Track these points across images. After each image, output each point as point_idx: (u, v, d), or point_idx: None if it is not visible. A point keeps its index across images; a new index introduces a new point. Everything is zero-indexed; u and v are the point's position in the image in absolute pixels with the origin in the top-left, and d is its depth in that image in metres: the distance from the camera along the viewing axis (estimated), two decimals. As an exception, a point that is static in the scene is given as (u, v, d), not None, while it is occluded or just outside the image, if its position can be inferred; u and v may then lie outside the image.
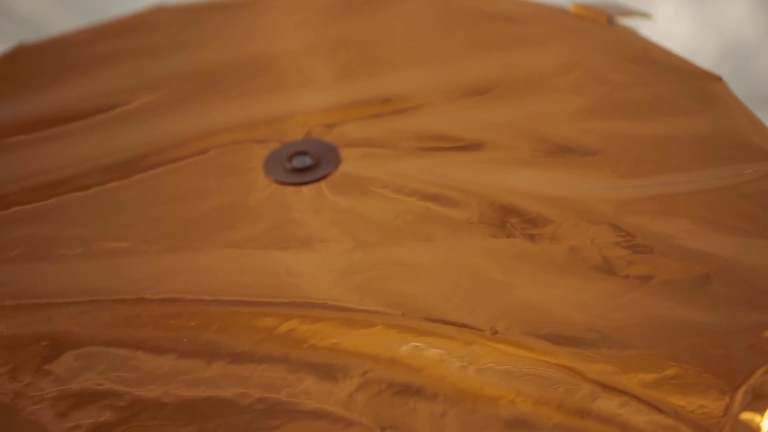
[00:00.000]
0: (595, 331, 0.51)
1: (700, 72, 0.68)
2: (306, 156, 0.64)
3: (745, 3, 1.24)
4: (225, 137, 0.67)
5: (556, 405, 0.48)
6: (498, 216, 0.58)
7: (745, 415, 0.46)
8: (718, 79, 0.67)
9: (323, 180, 0.63)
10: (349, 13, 0.81)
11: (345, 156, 0.64)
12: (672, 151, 0.62)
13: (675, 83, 0.68)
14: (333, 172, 0.63)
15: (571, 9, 0.77)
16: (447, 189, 0.60)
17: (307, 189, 0.62)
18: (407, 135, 0.66)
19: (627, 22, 0.76)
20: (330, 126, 0.67)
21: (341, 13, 0.81)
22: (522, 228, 0.57)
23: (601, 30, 0.74)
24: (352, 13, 0.80)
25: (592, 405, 0.47)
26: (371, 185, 0.62)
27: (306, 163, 0.64)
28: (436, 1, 0.80)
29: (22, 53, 0.80)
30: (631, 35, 0.73)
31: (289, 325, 0.52)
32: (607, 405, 0.47)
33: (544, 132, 0.65)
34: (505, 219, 0.58)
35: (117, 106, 0.72)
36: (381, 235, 0.58)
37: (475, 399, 0.48)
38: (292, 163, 0.64)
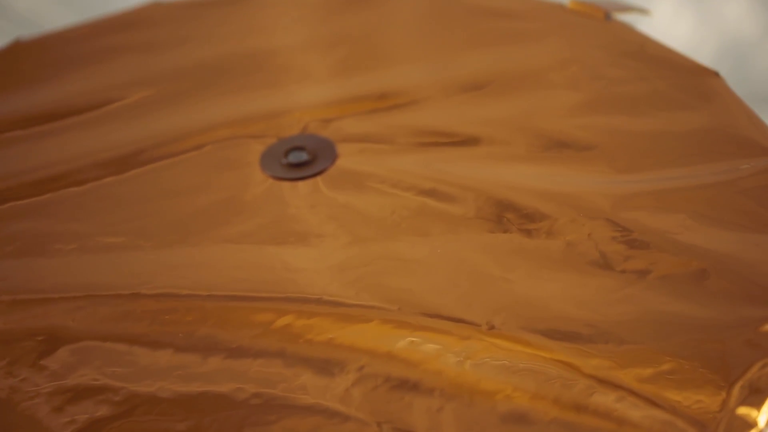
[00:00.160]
0: (592, 326, 0.50)
1: (697, 67, 0.68)
2: (302, 151, 0.64)
3: (744, 2, 1.24)
4: (221, 133, 0.67)
5: (552, 400, 0.47)
6: (495, 211, 0.58)
7: (742, 410, 0.46)
8: (715, 75, 0.67)
9: (320, 175, 0.63)
10: (347, 9, 0.80)
11: (341, 151, 0.64)
12: (669, 147, 0.62)
13: (672, 79, 0.67)
14: (329, 167, 0.63)
15: (569, 5, 0.77)
16: (444, 184, 0.60)
17: (304, 184, 0.62)
18: (404, 130, 0.66)
19: (624, 17, 0.76)
20: (327, 121, 0.67)
21: (338, 9, 0.81)
22: (519, 223, 0.57)
23: (598, 26, 0.74)
24: (349, 9, 0.80)
25: (588, 400, 0.47)
26: (368, 180, 0.62)
27: (302, 159, 0.63)
28: (433, -3, 0.80)
29: (18, 49, 0.79)
30: (628, 31, 0.73)
31: (286, 320, 0.52)
32: (604, 400, 0.47)
33: (540, 127, 0.65)
34: (502, 214, 0.58)
35: (113, 101, 0.72)
36: (377, 231, 0.58)
37: (472, 394, 0.48)
38: (288, 159, 0.64)
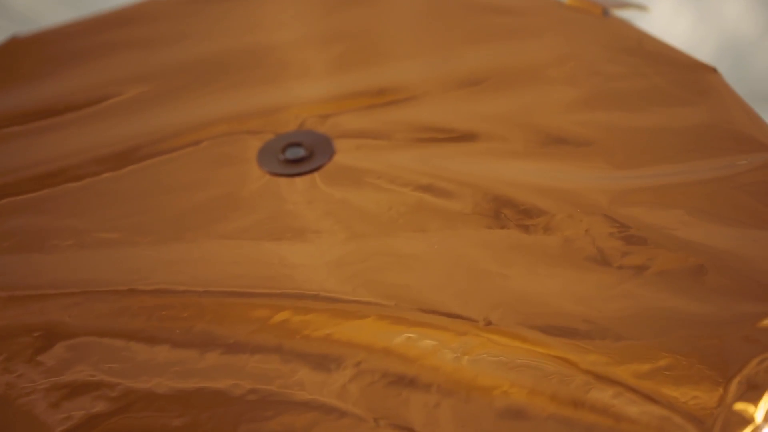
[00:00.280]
0: (589, 322, 0.50)
1: (695, 63, 0.68)
2: (300, 147, 0.64)
3: (744, 0, 1.24)
4: (218, 128, 0.67)
5: (550, 395, 0.47)
6: (492, 207, 0.58)
7: (739, 406, 0.46)
8: (713, 71, 0.67)
9: (317, 171, 0.63)
10: (344, 5, 0.80)
11: (339, 147, 0.64)
12: (667, 142, 0.62)
13: (670, 74, 0.67)
14: (327, 163, 0.63)
15: (566, 1, 0.77)
16: (441, 180, 0.60)
17: (301, 180, 0.62)
18: (401, 126, 0.66)
19: (622, 13, 0.75)
20: (324, 117, 0.67)
21: (336, 5, 0.81)
22: (516, 219, 0.57)
23: (596, 21, 0.74)
24: (346, 5, 0.80)
25: (585, 396, 0.47)
26: (365, 176, 0.62)
27: (300, 155, 0.63)
28: (430, -7, 0.80)
29: (16, 45, 0.79)
30: (626, 27, 0.73)
31: (282, 316, 0.52)
32: (601, 396, 0.47)
33: (538, 123, 0.65)
34: (499, 210, 0.58)
35: (111, 97, 0.72)
36: (374, 226, 0.58)
37: (469, 389, 0.48)
38: (285, 155, 0.64)
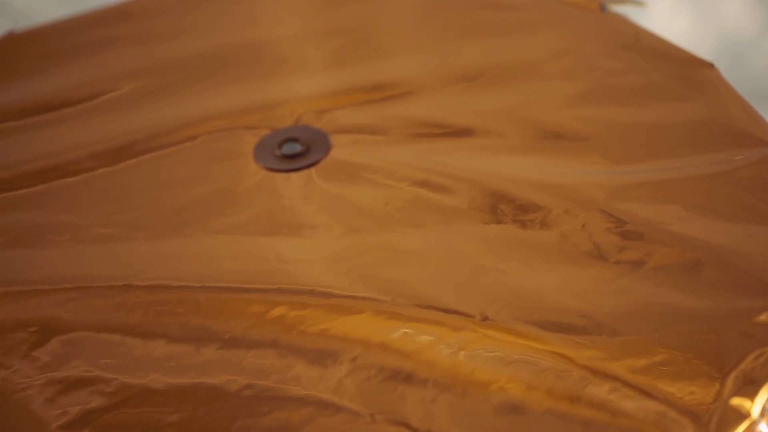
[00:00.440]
0: (586, 317, 0.50)
1: (692, 59, 0.68)
2: (296, 143, 0.64)
3: (743, -1, 1.24)
4: (215, 124, 0.67)
5: (546, 391, 0.47)
6: (489, 202, 0.58)
7: (735, 401, 0.46)
8: (710, 66, 0.67)
9: (313, 166, 0.62)
10: (341, 1, 0.80)
11: (335, 142, 0.64)
12: (664, 137, 0.62)
13: (667, 70, 0.67)
14: (323, 158, 0.63)
15: (563, -4, 0.77)
16: (438, 175, 0.60)
17: (297, 176, 0.62)
18: (398, 121, 0.66)
19: (619, 9, 0.75)
20: (320, 112, 0.67)
21: (333, 1, 0.81)
22: (513, 214, 0.57)
23: (593, 17, 0.74)
24: (343, 1, 0.80)
25: (582, 391, 0.47)
26: (361, 172, 0.61)
27: (296, 150, 0.63)
28: (427, -12, 0.80)
29: (12, 40, 0.79)
30: (623, 22, 0.73)
31: (278, 311, 0.52)
32: (598, 391, 0.47)
33: (535, 118, 0.65)
34: (496, 205, 0.58)
35: (107, 92, 0.71)
36: (371, 222, 0.58)
37: (466, 385, 0.48)
38: (282, 150, 0.63)
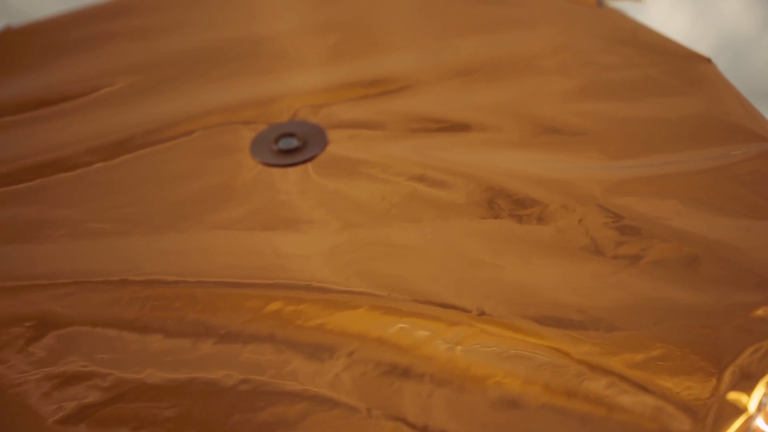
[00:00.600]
0: (583, 312, 0.50)
1: (689, 54, 0.68)
2: (293, 138, 0.64)
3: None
4: (212, 119, 0.66)
5: (543, 385, 0.47)
6: (485, 197, 0.58)
7: (732, 395, 0.46)
8: (707, 61, 0.67)
9: (310, 162, 0.62)
10: (338, -4, 0.80)
11: (332, 137, 0.64)
12: (661, 132, 0.62)
13: (664, 65, 0.67)
14: (320, 153, 0.63)
15: (561, -9, 0.76)
16: (434, 170, 0.60)
17: (294, 171, 0.62)
18: (395, 116, 0.66)
19: (616, 4, 0.75)
20: (317, 107, 0.67)
21: (330, -4, 0.81)
22: (509, 209, 0.57)
23: (590, 12, 0.74)
24: (340, -4, 0.80)
25: (579, 386, 0.47)
26: (358, 167, 0.61)
27: (293, 145, 0.63)
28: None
29: (9, 36, 0.79)
30: (620, 17, 0.73)
31: (275, 306, 0.52)
32: (595, 386, 0.47)
33: (532, 113, 0.65)
34: (493, 200, 0.58)
35: (104, 87, 0.71)
36: (368, 217, 0.58)
37: (463, 379, 0.48)
38: (278, 145, 0.63)
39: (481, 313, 0.51)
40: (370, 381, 0.48)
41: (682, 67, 0.67)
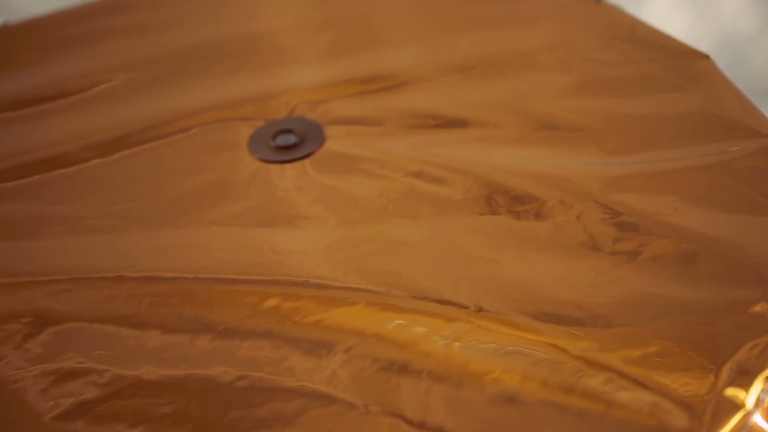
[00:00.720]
0: (580, 308, 0.50)
1: (687, 50, 0.68)
2: (290, 134, 0.64)
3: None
4: (209, 115, 0.66)
5: (540, 381, 0.47)
6: (483, 193, 0.58)
7: (730, 391, 0.46)
8: (705, 57, 0.67)
9: (308, 158, 0.62)
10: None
11: (330, 134, 0.64)
12: (659, 129, 0.62)
13: (662, 61, 0.67)
14: (318, 150, 0.63)
15: (559, -13, 0.76)
16: (432, 166, 0.60)
17: (291, 167, 0.62)
18: (393, 113, 0.66)
19: (614, 1, 0.75)
20: (315, 104, 0.67)
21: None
22: (507, 205, 0.57)
23: (588, 8, 0.74)
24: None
25: (577, 382, 0.47)
26: (356, 163, 0.61)
27: (290, 141, 0.63)
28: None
29: (6, 32, 0.79)
30: (618, 13, 0.73)
31: (273, 302, 0.52)
32: (592, 382, 0.47)
33: (530, 109, 0.65)
34: (491, 196, 0.58)
35: (102, 83, 0.71)
36: (365, 213, 0.58)
37: (460, 376, 0.48)
38: (276, 141, 0.63)
39: (479, 309, 0.51)
40: (367, 377, 0.48)
41: (680, 64, 0.67)
